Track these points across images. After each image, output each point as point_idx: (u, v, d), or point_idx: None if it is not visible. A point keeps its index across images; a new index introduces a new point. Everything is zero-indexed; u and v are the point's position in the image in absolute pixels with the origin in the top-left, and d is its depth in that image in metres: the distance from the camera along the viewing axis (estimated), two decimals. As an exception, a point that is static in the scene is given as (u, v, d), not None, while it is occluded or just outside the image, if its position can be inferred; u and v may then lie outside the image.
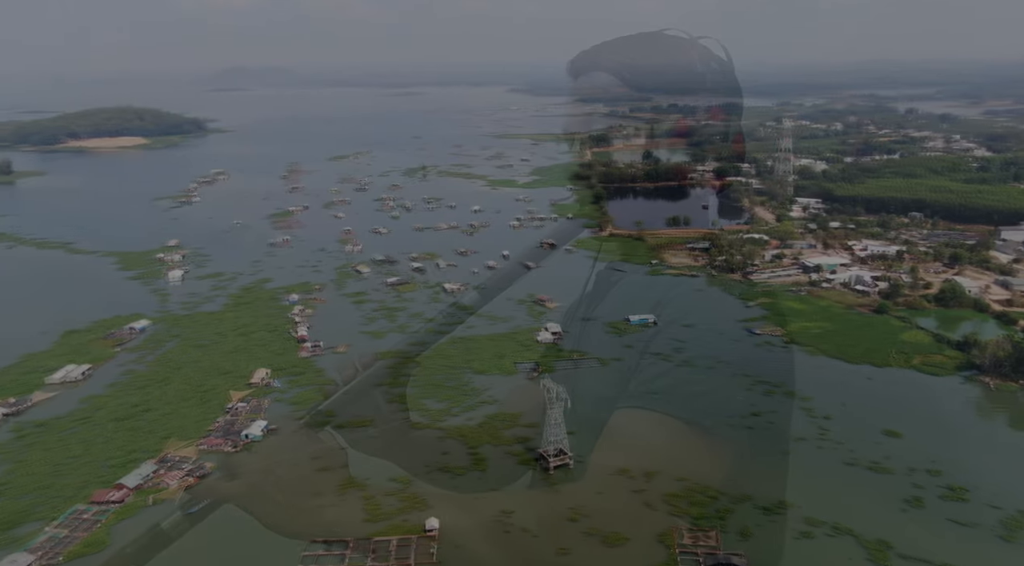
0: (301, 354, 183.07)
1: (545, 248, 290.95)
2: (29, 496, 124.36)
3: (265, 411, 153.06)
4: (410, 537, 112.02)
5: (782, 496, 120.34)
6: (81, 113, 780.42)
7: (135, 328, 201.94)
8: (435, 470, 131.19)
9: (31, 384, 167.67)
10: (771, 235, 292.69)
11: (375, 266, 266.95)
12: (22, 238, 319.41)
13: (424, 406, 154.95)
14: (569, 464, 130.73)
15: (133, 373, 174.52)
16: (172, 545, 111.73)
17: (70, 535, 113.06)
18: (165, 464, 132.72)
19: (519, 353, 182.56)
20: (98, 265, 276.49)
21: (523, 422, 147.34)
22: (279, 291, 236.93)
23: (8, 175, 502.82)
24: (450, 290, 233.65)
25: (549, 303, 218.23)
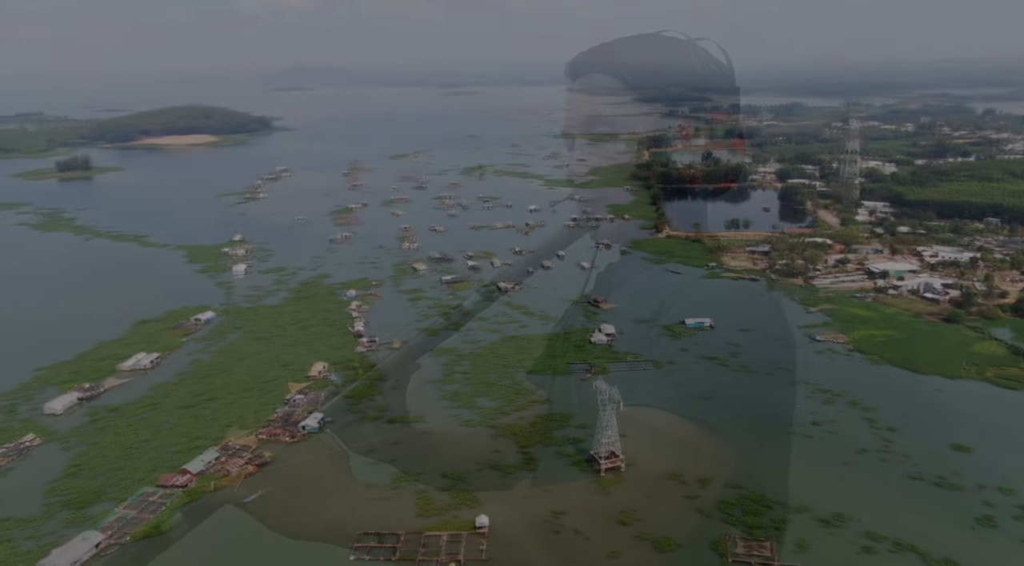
0: (358, 349, 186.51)
1: (601, 248, 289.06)
2: (102, 477, 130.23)
3: (322, 404, 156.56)
4: (460, 533, 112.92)
5: (842, 508, 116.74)
6: (154, 112, 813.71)
7: (201, 319, 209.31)
8: (486, 467, 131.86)
9: (104, 370, 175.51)
10: (835, 239, 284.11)
11: (432, 264, 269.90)
12: (99, 231, 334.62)
13: (476, 404, 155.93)
14: (621, 467, 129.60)
15: (198, 363, 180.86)
16: (228, 532, 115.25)
17: (137, 516, 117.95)
18: (227, 451, 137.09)
19: (572, 354, 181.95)
20: (168, 258, 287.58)
21: (575, 423, 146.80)
22: (338, 286, 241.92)
23: (87, 170, 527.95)
24: (504, 289, 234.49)
25: (604, 304, 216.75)
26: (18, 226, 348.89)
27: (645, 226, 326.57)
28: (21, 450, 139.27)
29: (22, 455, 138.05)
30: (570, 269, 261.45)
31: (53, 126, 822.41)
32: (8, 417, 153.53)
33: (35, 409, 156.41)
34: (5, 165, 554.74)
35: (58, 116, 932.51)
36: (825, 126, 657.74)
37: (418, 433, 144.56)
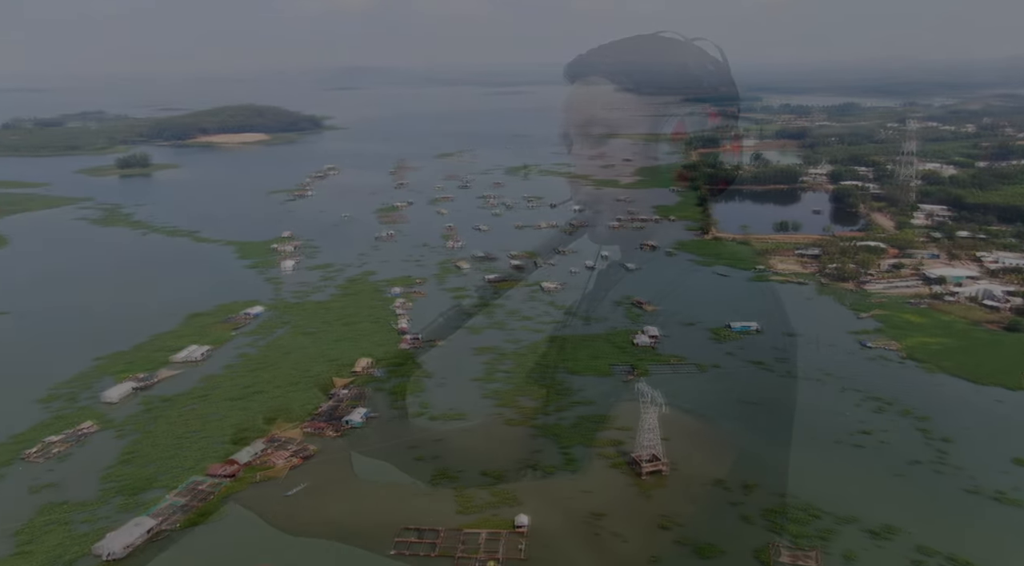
0: (401, 346, 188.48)
1: (646, 250, 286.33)
2: (153, 465, 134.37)
3: (366, 399, 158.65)
4: (500, 531, 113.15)
5: (892, 520, 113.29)
6: (210, 110, 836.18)
7: (250, 314, 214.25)
8: (526, 467, 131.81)
9: (158, 361, 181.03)
10: (889, 243, 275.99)
11: (475, 262, 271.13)
12: (155, 226, 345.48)
13: (518, 403, 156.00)
14: (663, 471, 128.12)
15: (247, 356, 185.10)
16: (272, 522, 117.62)
17: (187, 504, 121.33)
18: (273, 444, 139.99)
19: (615, 355, 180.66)
20: (220, 253, 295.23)
21: (616, 425, 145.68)
22: (382, 284, 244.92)
23: (145, 167, 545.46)
24: (548, 289, 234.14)
25: (647, 306, 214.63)
26: (79, 221, 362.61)
27: (691, 227, 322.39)
28: (79, 436, 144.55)
29: (80, 441, 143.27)
30: (614, 269, 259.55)
31: (114, 124, 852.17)
32: (68, 404, 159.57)
33: (93, 397, 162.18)
34: (69, 161, 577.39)
35: (119, 114, 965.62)
36: (881, 127, 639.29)
37: (460, 431, 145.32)
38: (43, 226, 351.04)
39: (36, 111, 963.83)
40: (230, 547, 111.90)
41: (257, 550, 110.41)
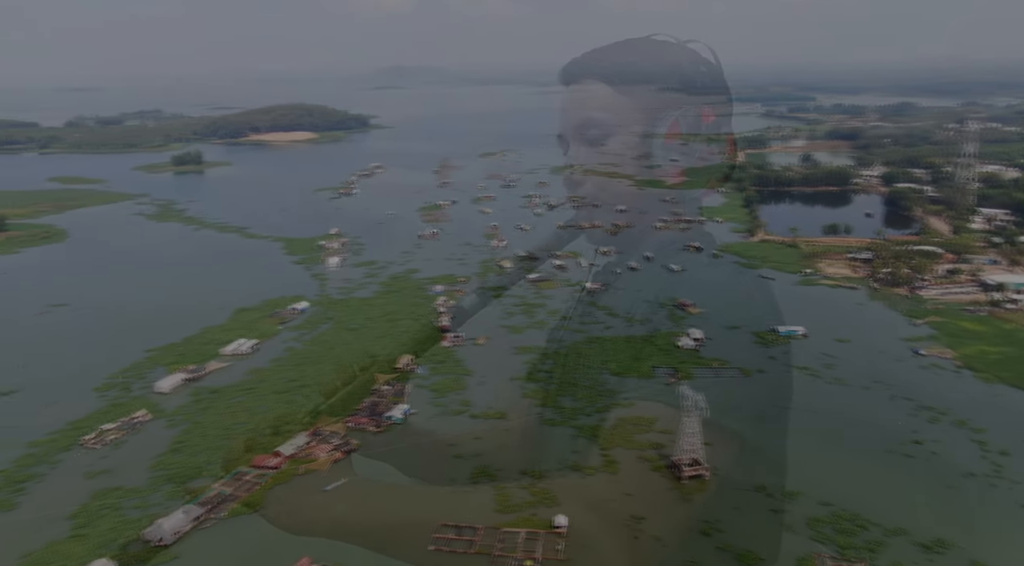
0: (443, 343, 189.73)
1: (691, 251, 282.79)
2: (202, 454, 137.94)
3: (407, 395, 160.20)
4: (538, 531, 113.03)
5: (944, 534, 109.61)
6: (261, 109, 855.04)
7: (297, 309, 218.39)
8: (566, 468, 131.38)
9: (208, 354, 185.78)
10: (946, 248, 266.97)
11: (518, 262, 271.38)
12: (206, 222, 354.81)
13: (558, 403, 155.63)
14: (704, 475, 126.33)
15: (292, 350, 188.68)
16: (314, 514, 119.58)
17: (234, 493, 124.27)
18: (316, 437, 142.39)
19: (658, 357, 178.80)
20: (268, 249, 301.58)
21: (658, 428, 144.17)
22: (425, 282, 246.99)
23: (199, 165, 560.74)
24: (590, 289, 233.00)
25: (692, 308, 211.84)
26: (135, 216, 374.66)
27: (737, 229, 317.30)
28: (133, 425, 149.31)
29: (134, 429, 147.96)
30: (657, 271, 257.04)
31: (170, 122, 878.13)
32: (122, 394, 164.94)
33: (146, 387, 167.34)
34: (127, 159, 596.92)
35: (175, 113, 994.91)
36: (938, 128, 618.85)
37: (500, 430, 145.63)
38: (101, 221, 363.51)
39: (98, 110, 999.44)
40: (273, 537, 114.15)
41: (298, 541, 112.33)
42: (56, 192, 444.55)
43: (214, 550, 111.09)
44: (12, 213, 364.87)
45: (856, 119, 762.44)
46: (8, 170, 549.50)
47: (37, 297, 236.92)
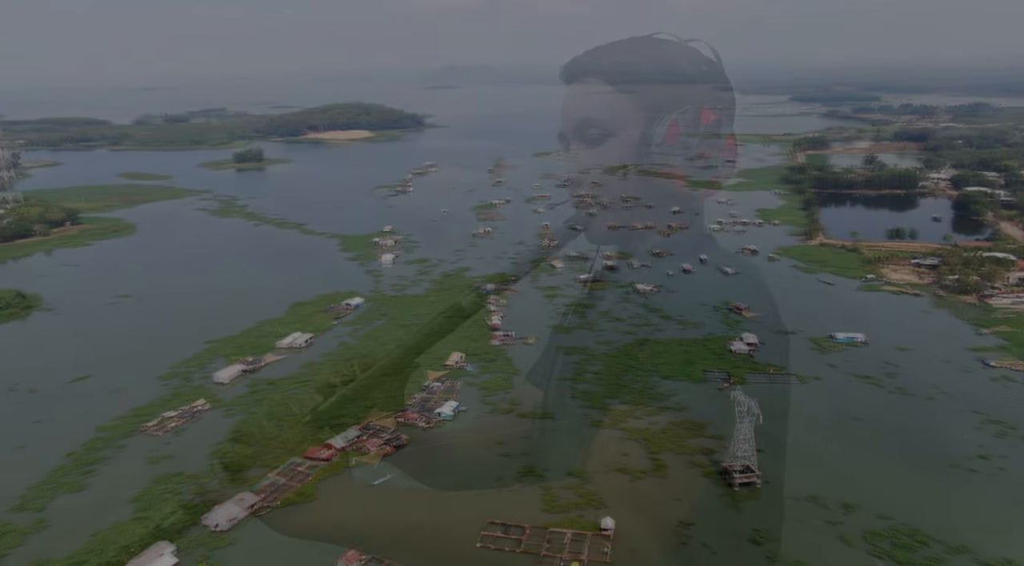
0: (493, 342, 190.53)
1: (746, 254, 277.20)
2: (257, 444, 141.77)
3: (457, 393, 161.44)
4: (585, 533, 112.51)
5: (1011, 554, 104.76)
6: (320, 108, 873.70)
7: (350, 304, 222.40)
8: (614, 470, 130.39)
9: (265, 346, 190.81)
10: (1019, 255, 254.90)
11: (569, 262, 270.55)
12: (266, 217, 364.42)
13: (607, 405, 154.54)
14: (756, 483, 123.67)
15: (345, 345, 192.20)
16: (362, 507, 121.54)
17: (287, 483, 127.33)
18: (368, 431, 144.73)
19: (710, 361, 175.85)
20: (324, 245, 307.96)
21: (709, 433, 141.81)
22: (477, 280, 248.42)
23: (260, 162, 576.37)
24: (642, 291, 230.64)
25: (747, 312, 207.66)
26: (199, 211, 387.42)
27: (795, 232, 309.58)
28: (193, 413, 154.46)
29: (193, 418, 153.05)
30: (711, 273, 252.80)
31: (233, 121, 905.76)
32: (184, 383, 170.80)
33: (206, 377, 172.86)
34: (193, 156, 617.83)
35: (238, 112, 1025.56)
36: (1016, 129, 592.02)
37: (547, 429, 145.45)
38: (167, 216, 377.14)
39: (166, 108, 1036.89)
40: (324, 528, 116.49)
41: (347, 533, 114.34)
42: (125, 187, 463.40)
43: (267, 538, 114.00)
44: (85, 207, 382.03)
45: (926, 120, 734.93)
46: (82, 166, 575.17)
47: (107, 288, 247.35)
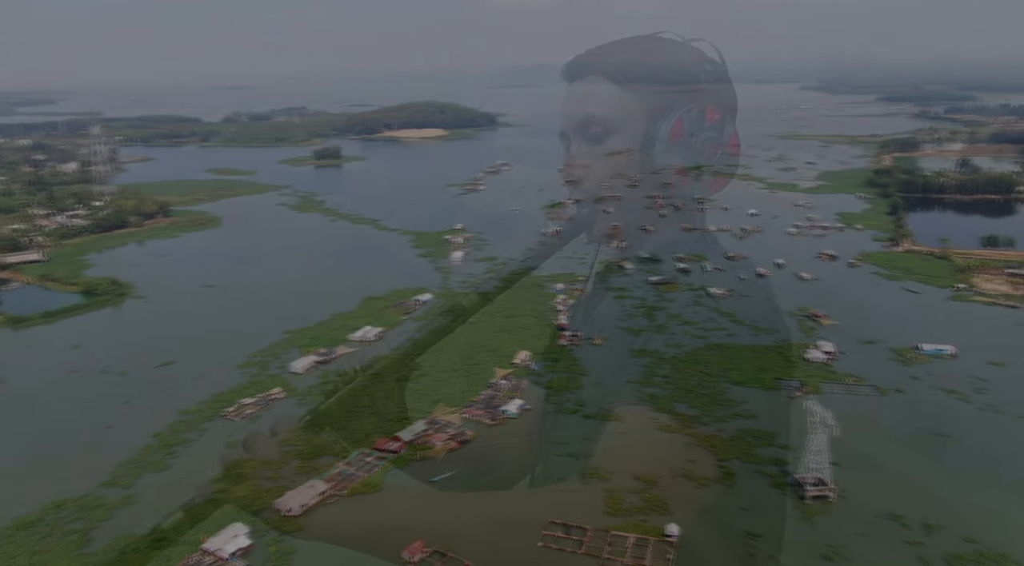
0: (560, 342, 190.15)
1: (824, 259, 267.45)
2: (327, 434, 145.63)
3: (523, 391, 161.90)
4: (648, 538, 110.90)
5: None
6: (396, 107, 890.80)
7: (420, 300, 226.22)
8: (679, 476, 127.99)
9: (337, 339, 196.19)
10: None
11: (639, 263, 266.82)
12: (342, 213, 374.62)
13: (674, 409, 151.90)
14: (829, 497, 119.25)
15: (413, 341, 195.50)
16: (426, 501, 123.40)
17: (355, 474, 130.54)
18: (434, 425, 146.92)
19: (783, 369, 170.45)
20: (397, 241, 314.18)
21: (780, 443, 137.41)
22: (545, 279, 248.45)
23: (337, 159, 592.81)
24: (714, 295, 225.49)
25: (824, 319, 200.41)
26: (279, 206, 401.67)
27: (879, 238, 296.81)
28: (268, 401, 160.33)
29: (269, 405, 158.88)
30: (788, 278, 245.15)
31: (313, 119, 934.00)
32: (260, 371, 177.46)
33: (282, 367, 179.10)
34: (275, 152, 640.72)
35: (318, 110, 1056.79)
36: None
37: (613, 432, 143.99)
38: (249, 210, 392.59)
39: (251, 106, 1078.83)
40: (390, 518, 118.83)
41: (414, 524, 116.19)
42: (212, 182, 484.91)
43: (336, 524, 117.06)
44: (175, 200, 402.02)
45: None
46: (174, 161, 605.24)
47: (193, 278, 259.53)
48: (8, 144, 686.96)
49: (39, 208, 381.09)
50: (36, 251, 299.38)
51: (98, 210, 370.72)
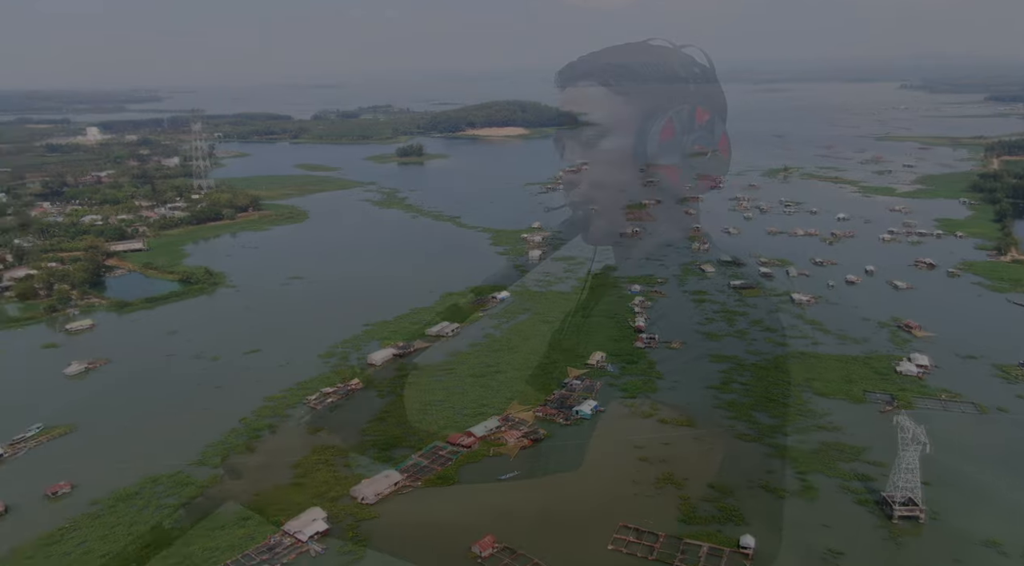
0: (636, 344, 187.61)
1: (921, 267, 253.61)
2: (402, 426, 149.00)
3: (597, 392, 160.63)
4: (722, 548, 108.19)
5: None
6: (478, 106, 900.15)
7: (497, 297, 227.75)
8: (757, 487, 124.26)
9: (415, 333, 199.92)
10: None
11: (720, 267, 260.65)
12: (423, 210, 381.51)
13: (753, 418, 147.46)
14: (920, 517, 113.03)
15: (490, 337, 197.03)
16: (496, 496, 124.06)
17: (429, 466, 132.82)
18: (507, 422, 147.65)
19: (872, 381, 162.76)
20: (476, 238, 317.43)
21: (867, 458, 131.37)
22: (622, 280, 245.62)
23: (420, 157, 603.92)
24: (798, 301, 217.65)
25: (918, 331, 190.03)
26: (363, 201, 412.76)
27: (983, 246, 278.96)
28: (348, 391, 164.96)
29: (348, 395, 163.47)
30: (880, 286, 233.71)
31: (398, 117, 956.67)
32: (341, 362, 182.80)
33: (361, 359, 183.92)
34: (361, 149, 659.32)
35: (402, 108, 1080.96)
36: None
37: (688, 438, 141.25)
38: (335, 205, 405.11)
39: (339, 104, 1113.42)
40: (462, 511, 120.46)
41: (485, 519, 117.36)
42: (300, 178, 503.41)
43: (409, 515, 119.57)
44: (266, 195, 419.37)
45: None
46: (266, 157, 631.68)
47: (280, 269, 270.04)
48: (117, 139, 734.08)
49: (143, 200, 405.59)
50: (139, 240, 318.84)
51: (196, 203, 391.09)
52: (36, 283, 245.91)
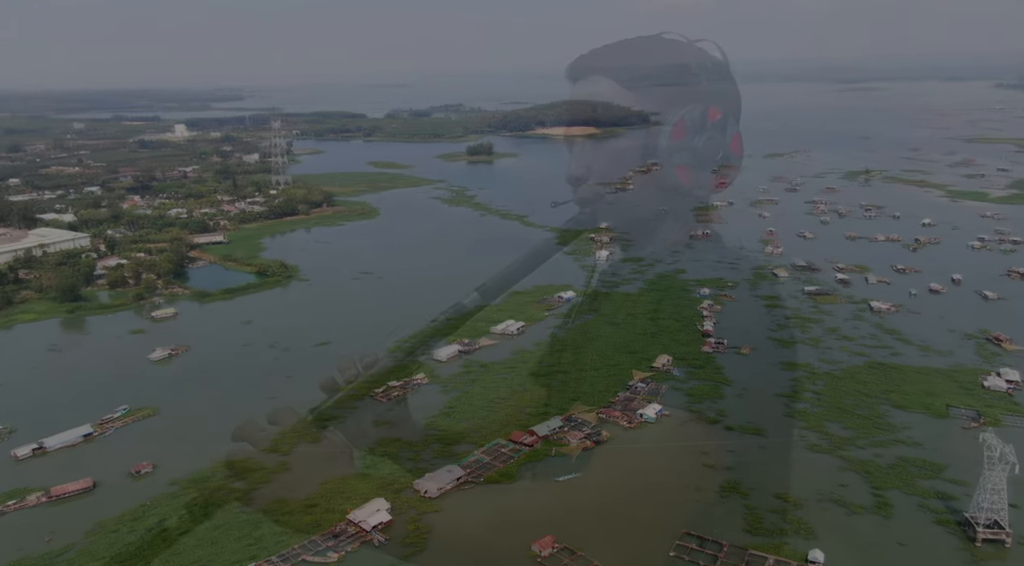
0: (704, 349, 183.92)
1: (1014, 277, 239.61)
2: (466, 422, 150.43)
3: (662, 396, 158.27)
4: (790, 562, 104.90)
5: None
6: (548, 105, 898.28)
7: (563, 297, 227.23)
8: (828, 500, 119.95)
9: (480, 331, 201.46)
10: None
11: (794, 271, 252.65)
12: (491, 208, 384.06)
13: (826, 429, 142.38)
14: (1006, 542, 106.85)
15: (555, 337, 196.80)
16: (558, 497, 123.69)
17: (491, 463, 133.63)
18: (570, 423, 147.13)
19: (955, 396, 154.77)
20: (543, 238, 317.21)
21: (948, 476, 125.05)
22: (691, 283, 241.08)
23: (489, 155, 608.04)
24: (877, 309, 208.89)
25: (1009, 344, 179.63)
26: (433, 199, 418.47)
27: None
28: (413, 386, 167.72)
29: (413, 390, 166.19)
30: (967, 296, 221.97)
31: (469, 116, 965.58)
32: (407, 357, 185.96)
33: (427, 354, 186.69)
34: (432, 147, 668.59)
35: (473, 107, 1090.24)
36: None
37: (755, 446, 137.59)
38: (405, 202, 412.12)
39: (411, 103, 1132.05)
40: (523, 509, 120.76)
41: (545, 519, 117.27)
42: (372, 174, 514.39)
43: (470, 510, 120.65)
44: (339, 191, 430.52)
45: None
46: (340, 154, 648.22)
47: (351, 264, 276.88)
48: (203, 136, 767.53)
49: (224, 194, 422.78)
50: (220, 233, 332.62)
51: (273, 198, 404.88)
52: (125, 272, 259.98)
